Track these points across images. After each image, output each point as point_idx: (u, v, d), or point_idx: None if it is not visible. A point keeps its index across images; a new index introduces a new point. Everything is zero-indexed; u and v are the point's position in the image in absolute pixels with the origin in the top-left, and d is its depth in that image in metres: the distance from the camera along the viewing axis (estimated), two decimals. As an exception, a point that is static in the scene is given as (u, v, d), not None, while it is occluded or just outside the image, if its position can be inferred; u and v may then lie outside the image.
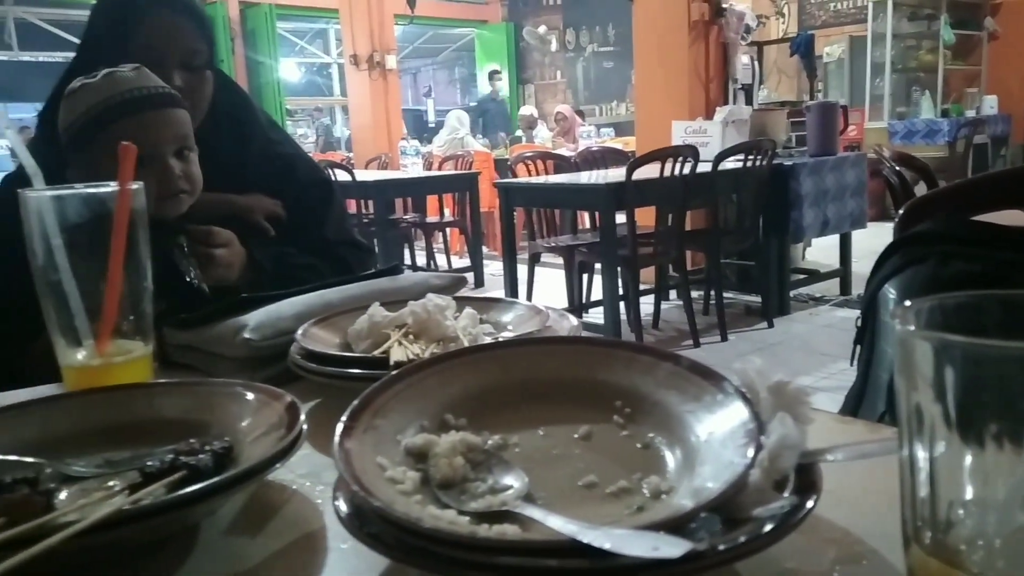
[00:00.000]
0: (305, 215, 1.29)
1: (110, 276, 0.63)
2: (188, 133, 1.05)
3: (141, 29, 1.14)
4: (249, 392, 0.59)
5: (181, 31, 1.16)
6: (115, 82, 1.00)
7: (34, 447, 0.56)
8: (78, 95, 1.01)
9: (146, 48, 1.13)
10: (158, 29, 1.15)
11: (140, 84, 1.01)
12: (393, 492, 0.42)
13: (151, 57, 1.13)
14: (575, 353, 0.56)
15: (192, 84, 1.18)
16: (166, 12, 1.16)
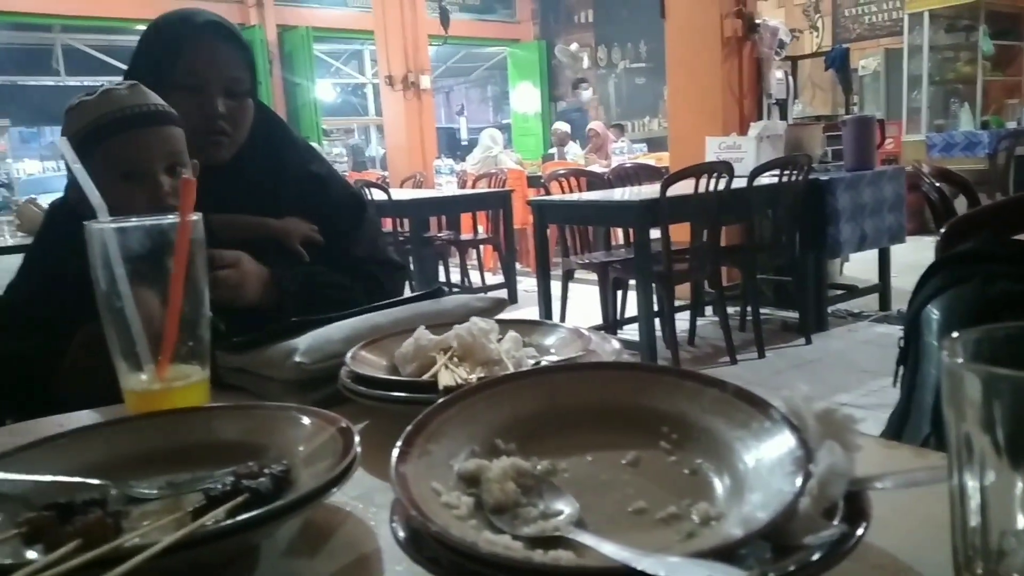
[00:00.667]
0: (337, 233, 1.32)
1: (170, 303, 0.66)
2: (180, 150, 1.07)
3: (186, 56, 1.18)
4: (304, 416, 0.61)
5: (225, 59, 1.20)
6: (110, 100, 1.03)
7: (98, 469, 0.58)
8: (77, 111, 1.05)
9: (190, 74, 1.18)
10: (202, 57, 1.19)
11: (134, 102, 1.04)
12: (449, 516, 0.44)
13: (195, 84, 1.18)
14: (621, 379, 0.57)
15: (234, 111, 1.22)
16: (210, 40, 1.20)
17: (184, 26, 1.21)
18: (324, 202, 1.33)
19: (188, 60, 1.18)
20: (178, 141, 1.07)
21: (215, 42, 1.20)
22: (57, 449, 0.59)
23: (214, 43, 1.20)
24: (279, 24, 10.30)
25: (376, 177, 8.12)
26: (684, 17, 5.21)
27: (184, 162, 1.08)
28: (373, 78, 14.56)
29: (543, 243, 4.22)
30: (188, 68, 1.18)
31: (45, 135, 15.79)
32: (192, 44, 1.19)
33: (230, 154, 1.24)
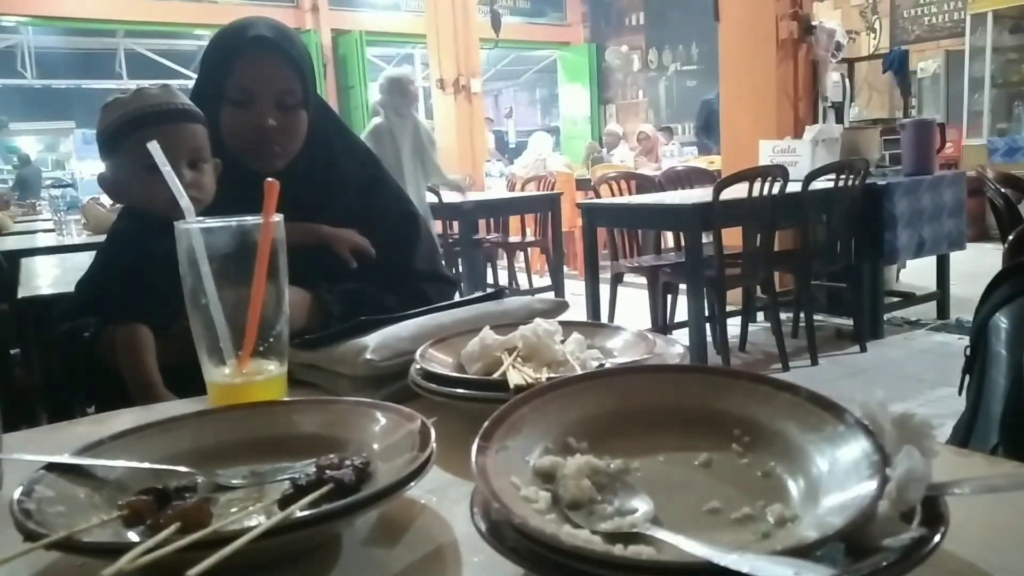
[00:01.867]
0: (392, 246, 1.33)
1: (252, 301, 0.68)
2: (203, 146, 1.15)
3: (235, 72, 1.21)
4: (380, 411, 0.63)
5: (275, 73, 1.22)
6: (140, 98, 1.12)
7: (186, 458, 0.61)
8: (110, 107, 1.14)
9: (241, 89, 1.21)
10: (251, 72, 1.21)
11: (160, 100, 1.12)
12: (529, 510, 0.45)
13: (245, 97, 1.21)
14: (692, 382, 0.58)
15: (285, 122, 1.23)
16: (259, 55, 1.21)
17: (234, 41, 1.23)
18: (379, 214, 1.34)
19: (237, 75, 1.21)
20: (200, 138, 1.15)
21: (264, 57, 1.21)
22: (147, 438, 0.62)
23: (263, 58, 1.21)
24: (333, 28, 10.48)
25: (425, 179, 8.21)
26: (739, 19, 5.16)
27: (206, 157, 1.15)
28: (423, 81, 14.72)
29: (592, 246, 4.21)
30: (238, 83, 1.21)
31: (107, 137, 16.25)
32: (241, 59, 1.21)
33: (282, 163, 1.26)
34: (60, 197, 3.85)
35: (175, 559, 0.42)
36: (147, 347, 1.07)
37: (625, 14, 11.80)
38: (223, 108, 1.23)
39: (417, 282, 1.33)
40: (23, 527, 0.47)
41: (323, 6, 10.35)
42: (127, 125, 1.11)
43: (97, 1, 9.21)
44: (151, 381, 1.05)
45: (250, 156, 1.23)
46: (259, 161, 1.24)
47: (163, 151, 0.91)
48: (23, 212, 6.20)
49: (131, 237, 1.18)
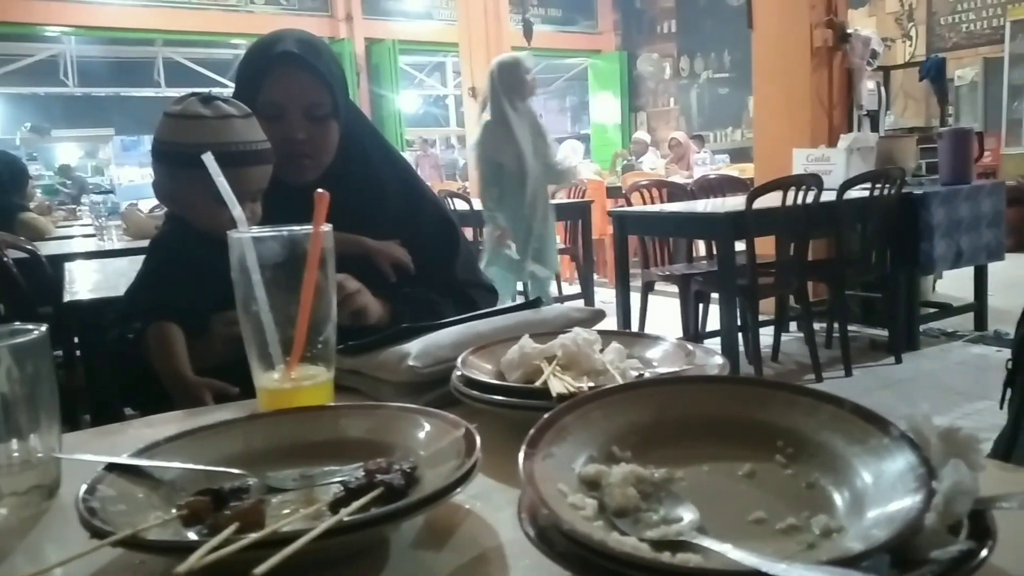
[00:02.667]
0: (433, 258, 1.34)
1: (301, 308, 0.70)
2: (265, 184, 1.17)
3: (267, 85, 1.24)
4: (426, 417, 0.65)
5: (303, 86, 1.24)
6: (223, 131, 1.11)
7: (237, 460, 0.63)
8: (197, 124, 1.11)
9: (271, 104, 1.24)
10: (281, 86, 1.24)
11: (245, 139, 1.13)
12: (577, 516, 0.46)
13: (275, 111, 1.24)
14: (735, 393, 0.58)
15: (315, 134, 1.26)
16: (288, 70, 1.24)
17: (262, 57, 1.26)
18: (420, 223, 1.36)
19: (267, 91, 1.24)
20: (266, 178, 1.18)
21: (291, 71, 1.24)
22: (200, 440, 0.64)
23: (290, 72, 1.24)
24: (367, 37, 10.60)
25: (457, 187, 8.24)
26: (772, 27, 5.13)
27: (264, 190, 1.18)
28: (455, 89, 14.81)
29: (623, 254, 4.21)
30: (267, 99, 1.24)
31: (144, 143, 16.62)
32: (269, 75, 1.24)
33: (315, 175, 1.28)
34: (101, 203, 3.94)
35: (235, 558, 0.44)
36: (177, 340, 1.09)
37: (657, 22, 11.79)
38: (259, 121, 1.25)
39: (463, 289, 1.35)
40: (90, 524, 0.49)
41: (357, 15, 10.48)
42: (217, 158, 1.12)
43: (136, 11, 9.41)
44: (181, 372, 1.07)
45: (282, 169, 1.25)
46: (291, 173, 1.26)
47: (235, 190, 0.93)
48: (64, 217, 6.35)
49: (175, 244, 1.21)
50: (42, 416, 0.64)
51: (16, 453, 0.63)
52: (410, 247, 1.32)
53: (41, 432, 0.64)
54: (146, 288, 1.21)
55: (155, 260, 1.23)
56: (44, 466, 0.64)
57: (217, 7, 9.76)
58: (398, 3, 11.01)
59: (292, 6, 10.26)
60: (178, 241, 1.19)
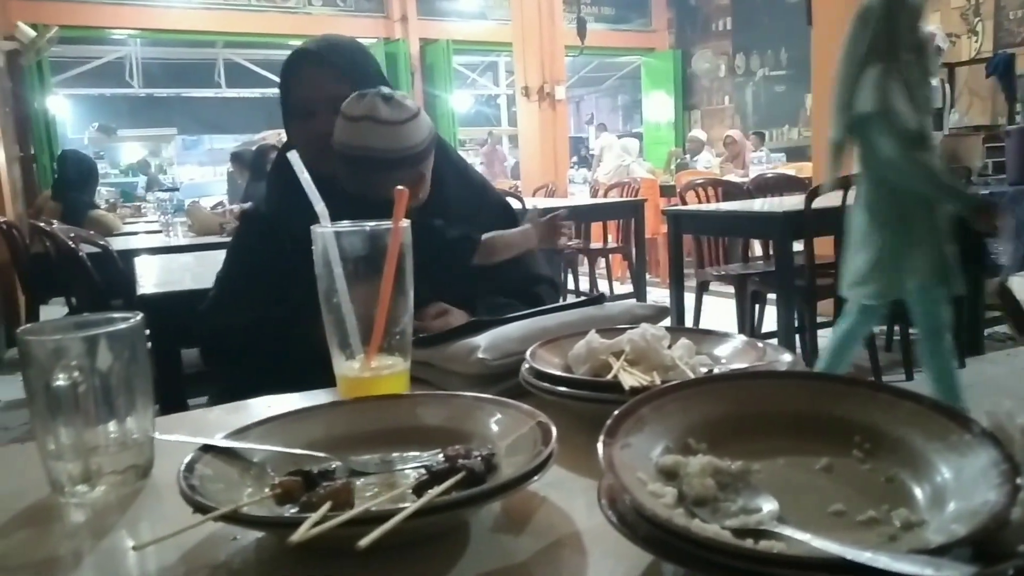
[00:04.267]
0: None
1: (381, 300, 0.73)
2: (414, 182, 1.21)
3: (294, 87, 1.31)
4: (501, 407, 0.66)
5: (325, 82, 1.29)
6: (397, 137, 1.19)
7: (321, 444, 0.66)
8: (379, 131, 1.19)
9: (300, 103, 1.30)
10: (306, 85, 1.30)
11: (405, 145, 1.20)
12: (658, 504, 0.47)
13: (305, 110, 1.30)
14: (810, 388, 0.59)
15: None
16: (310, 70, 1.30)
17: (287, 61, 1.32)
18: (482, 216, 1.39)
19: (295, 91, 1.31)
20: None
21: (313, 70, 1.30)
22: (286, 425, 0.67)
23: (312, 71, 1.30)
24: (422, 38, 10.71)
25: (509, 186, 8.28)
26: (832, 23, 5.02)
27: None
28: (507, 89, 14.87)
29: (678, 254, 4.18)
30: (297, 98, 1.31)
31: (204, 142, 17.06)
32: (294, 77, 1.31)
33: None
34: (167, 200, 4.07)
35: (331, 534, 0.46)
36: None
37: (712, 20, 11.65)
38: (292, 123, 1.32)
39: (534, 287, 1.38)
40: (192, 500, 0.52)
41: (412, 16, 10.59)
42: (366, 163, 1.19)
43: (199, 14, 9.66)
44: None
45: (316, 163, 1.29)
46: (324, 168, 1.30)
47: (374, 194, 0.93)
48: (130, 214, 6.56)
49: (251, 241, 1.26)
50: (138, 399, 0.67)
51: (114, 434, 0.67)
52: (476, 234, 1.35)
53: (137, 414, 0.67)
54: (230, 284, 1.27)
55: (235, 257, 1.30)
56: (139, 447, 0.68)
57: (276, 9, 9.96)
58: (452, 4, 11.09)
59: (349, 7, 10.41)
60: (255, 238, 1.26)
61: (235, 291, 1.23)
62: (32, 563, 0.56)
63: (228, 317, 1.19)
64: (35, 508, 0.65)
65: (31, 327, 0.64)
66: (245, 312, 1.19)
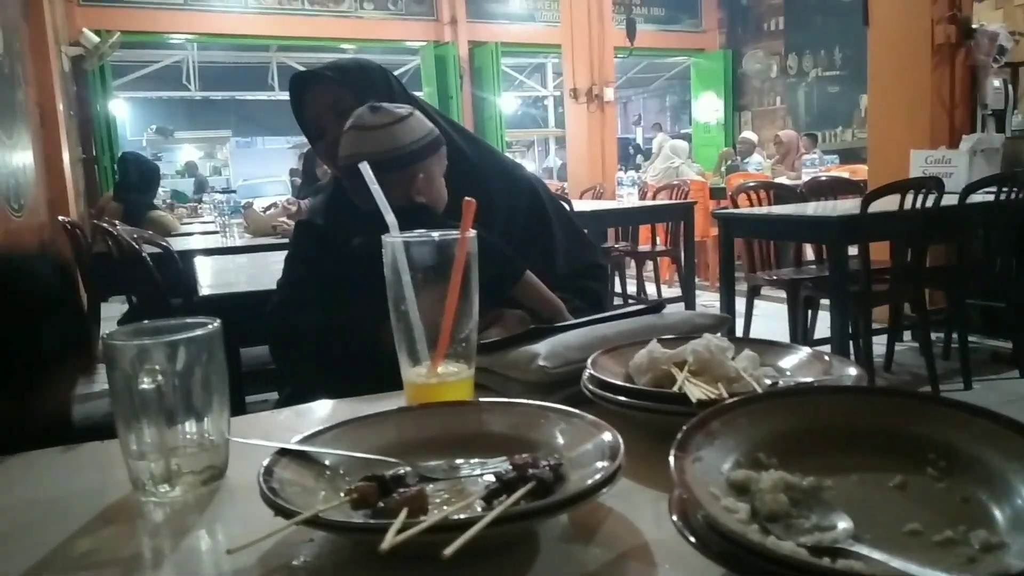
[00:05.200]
0: (555, 240, 1.39)
1: (447, 309, 0.74)
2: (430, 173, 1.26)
3: (305, 113, 1.37)
4: (566, 416, 0.67)
5: (325, 97, 1.35)
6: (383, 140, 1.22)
7: (389, 450, 0.67)
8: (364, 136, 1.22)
9: (311, 124, 1.37)
10: (311, 106, 1.37)
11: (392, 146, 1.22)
12: (732, 519, 0.47)
13: (317, 130, 1.37)
14: (882, 404, 0.58)
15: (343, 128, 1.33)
16: (313, 91, 1.36)
17: (290, 87, 1.38)
18: (517, 211, 1.40)
19: (306, 116, 1.38)
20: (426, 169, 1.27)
21: (315, 91, 1.36)
22: (356, 430, 0.69)
23: (315, 92, 1.36)
24: (470, 40, 10.78)
25: (556, 188, 8.28)
26: (890, 23, 4.92)
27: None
28: (554, 90, 14.87)
29: (729, 257, 4.13)
30: (308, 123, 1.38)
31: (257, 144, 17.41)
32: (300, 99, 1.37)
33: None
34: (224, 202, 4.16)
35: (412, 541, 0.48)
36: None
37: (764, 19, 11.48)
38: (316, 146, 1.39)
39: (582, 281, 1.39)
40: (274, 503, 0.54)
41: (461, 19, 10.67)
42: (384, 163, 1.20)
43: (254, 19, 9.87)
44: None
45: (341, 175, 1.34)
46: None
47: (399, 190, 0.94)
48: (187, 214, 6.73)
49: (306, 253, 1.31)
50: (215, 402, 0.70)
51: (193, 435, 0.69)
52: (529, 228, 1.37)
53: (214, 416, 0.70)
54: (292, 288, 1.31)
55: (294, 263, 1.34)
56: (216, 448, 0.70)
57: (329, 14, 10.12)
58: (501, 6, 11.13)
59: (399, 11, 10.52)
60: (313, 245, 1.30)
61: (296, 297, 1.27)
62: (119, 559, 0.59)
63: (293, 319, 1.23)
64: (117, 506, 0.68)
65: (117, 332, 0.67)
66: (309, 315, 1.23)
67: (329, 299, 1.22)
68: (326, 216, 1.40)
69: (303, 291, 1.27)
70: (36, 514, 0.69)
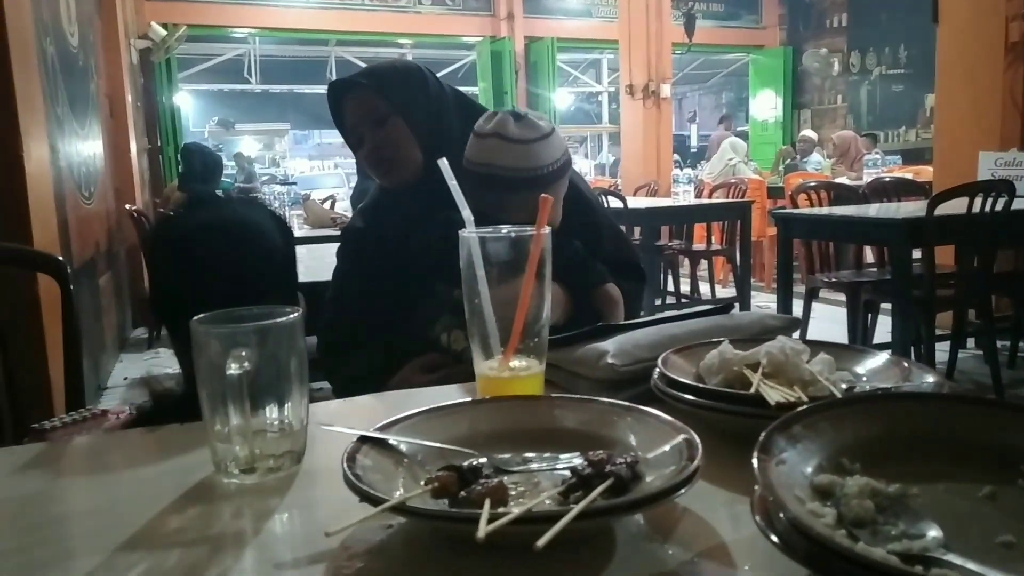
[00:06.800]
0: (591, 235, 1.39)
1: (520, 304, 0.75)
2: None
3: (341, 116, 1.39)
4: (639, 415, 0.67)
5: (358, 103, 1.36)
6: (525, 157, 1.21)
7: (462, 440, 0.68)
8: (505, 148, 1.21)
9: (350, 129, 1.38)
10: (347, 111, 1.38)
11: (532, 165, 1.21)
12: (819, 524, 0.47)
13: (356, 137, 1.38)
14: (969, 412, 0.57)
15: (381, 136, 1.35)
16: (347, 97, 1.37)
17: (328, 96, 1.40)
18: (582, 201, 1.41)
19: (343, 122, 1.39)
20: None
21: (348, 97, 1.37)
22: (432, 420, 0.70)
23: (349, 99, 1.37)
24: (527, 36, 10.78)
25: (609, 184, 8.24)
26: (962, 21, 4.77)
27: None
28: (609, 86, 14.78)
29: (787, 258, 4.06)
30: (346, 129, 1.40)
31: (313, 138, 17.70)
32: (337, 109, 1.39)
33: (408, 172, 1.36)
34: (284, 193, 4.24)
35: (501, 531, 0.48)
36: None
37: (826, 16, 11.23)
38: (358, 154, 1.41)
39: (623, 284, 1.39)
40: (359, 489, 0.55)
41: (518, 14, 10.68)
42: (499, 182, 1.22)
43: (315, 13, 10.03)
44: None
45: (385, 179, 1.39)
46: (387, 178, 1.39)
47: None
48: (246, 205, 6.87)
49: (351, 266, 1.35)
50: (296, 388, 0.72)
51: (275, 421, 0.71)
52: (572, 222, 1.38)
53: (294, 403, 0.72)
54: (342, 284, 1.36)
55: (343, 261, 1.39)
56: (295, 434, 0.72)
57: (387, 8, 10.22)
58: (558, 2, 11.11)
59: (457, 6, 10.58)
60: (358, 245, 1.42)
61: (343, 319, 1.32)
62: (206, 538, 0.61)
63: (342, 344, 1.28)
64: (201, 487, 0.71)
65: (205, 317, 0.69)
66: (359, 336, 1.28)
67: (376, 305, 1.25)
68: (373, 220, 1.44)
69: (352, 309, 1.31)
70: (123, 491, 0.72)
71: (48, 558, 0.60)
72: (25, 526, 0.65)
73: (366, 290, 1.35)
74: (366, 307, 1.33)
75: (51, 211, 3.13)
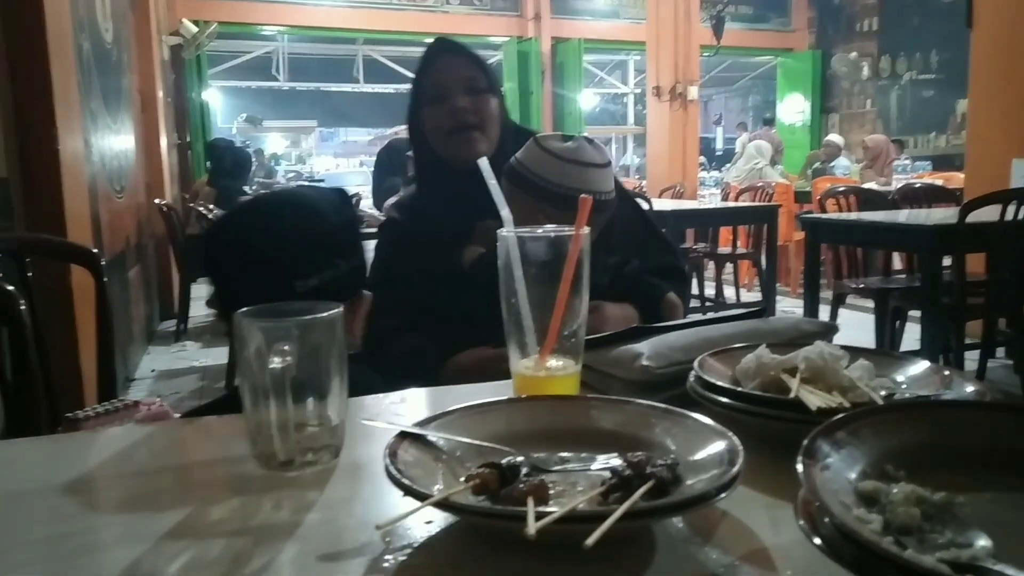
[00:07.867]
0: (635, 237, 1.42)
1: (557, 304, 0.75)
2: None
3: (429, 72, 1.45)
4: (677, 418, 0.67)
5: (459, 66, 1.44)
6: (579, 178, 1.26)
7: (500, 438, 0.68)
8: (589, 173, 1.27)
9: (434, 86, 1.44)
10: (440, 68, 1.44)
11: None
12: (867, 529, 0.47)
13: (438, 92, 1.43)
14: (1017, 422, 0.57)
15: (476, 104, 1.42)
16: (442, 57, 1.45)
17: (425, 52, 1.48)
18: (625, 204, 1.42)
19: (429, 77, 1.45)
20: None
21: (447, 56, 1.44)
22: (469, 417, 0.70)
23: (447, 56, 1.45)
24: (554, 36, 10.79)
25: (633, 186, 8.21)
26: (996, 26, 4.70)
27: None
28: (635, 88, 14.74)
29: (814, 263, 4.02)
30: (431, 83, 1.44)
31: (339, 134, 17.81)
32: (428, 64, 1.45)
33: (485, 149, 1.39)
34: (312, 190, 4.27)
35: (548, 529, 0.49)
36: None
37: (857, 19, 11.12)
38: (424, 110, 1.45)
39: (663, 289, 1.39)
40: (402, 484, 0.55)
41: (545, 15, 10.68)
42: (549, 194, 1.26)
43: (343, 12, 10.11)
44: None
45: (452, 146, 1.41)
46: (462, 148, 1.40)
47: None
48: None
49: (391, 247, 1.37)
50: (335, 383, 0.72)
51: (314, 415, 0.72)
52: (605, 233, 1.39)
53: (333, 397, 0.72)
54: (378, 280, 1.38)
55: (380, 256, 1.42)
56: (334, 429, 0.73)
57: (415, 7, 10.28)
58: (586, 3, 11.10)
59: (484, 6, 10.61)
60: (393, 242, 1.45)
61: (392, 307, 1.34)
62: (248, 529, 0.62)
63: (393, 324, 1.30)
64: (241, 478, 0.71)
65: (248, 311, 0.70)
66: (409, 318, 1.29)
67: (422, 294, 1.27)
68: (411, 214, 1.46)
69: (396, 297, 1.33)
70: (162, 482, 0.73)
71: (91, 545, 0.61)
72: (65, 515, 0.66)
73: (409, 280, 1.39)
74: (411, 296, 1.36)
75: (84, 204, 3.18)
